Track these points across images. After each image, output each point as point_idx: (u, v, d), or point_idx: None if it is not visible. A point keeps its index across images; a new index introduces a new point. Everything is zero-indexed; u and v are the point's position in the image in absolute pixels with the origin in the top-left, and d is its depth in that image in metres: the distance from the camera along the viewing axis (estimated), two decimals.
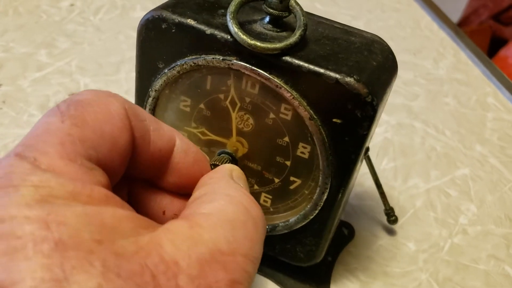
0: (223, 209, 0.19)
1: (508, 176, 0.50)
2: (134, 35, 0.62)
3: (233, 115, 0.30)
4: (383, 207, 0.40)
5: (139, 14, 0.66)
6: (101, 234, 0.16)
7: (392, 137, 0.52)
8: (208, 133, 0.31)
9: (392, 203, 0.44)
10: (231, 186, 0.22)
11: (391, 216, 0.40)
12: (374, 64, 0.27)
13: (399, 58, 0.30)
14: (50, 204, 0.15)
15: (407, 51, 0.67)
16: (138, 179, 0.24)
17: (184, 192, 0.24)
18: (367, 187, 0.46)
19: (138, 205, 0.24)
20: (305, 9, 0.27)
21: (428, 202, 0.46)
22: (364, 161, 0.34)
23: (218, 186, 0.22)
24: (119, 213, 0.17)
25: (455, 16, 1.46)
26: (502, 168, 0.50)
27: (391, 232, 0.42)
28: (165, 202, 0.24)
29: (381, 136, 0.52)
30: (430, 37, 0.71)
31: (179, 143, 0.23)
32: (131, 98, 0.51)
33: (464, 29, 1.37)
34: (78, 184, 0.17)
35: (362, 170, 0.38)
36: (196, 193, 0.22)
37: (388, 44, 0.30)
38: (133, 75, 0.54)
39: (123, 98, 0.21)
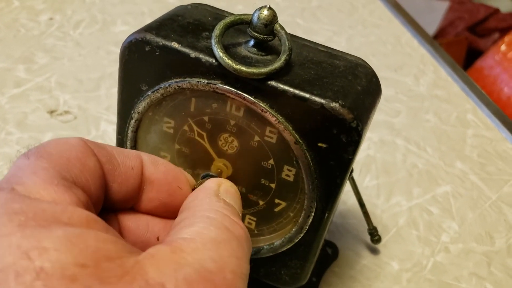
0: (204, 232, 0.19)
1: (488, 193, 0.50)
2: (115, 50, 0.61)
3: (220, 138, 0.30)
4: (365, 225, 0.40)
5: (120, 29, 0.65)
6: (85, 257, 0.15)
7: (375, 154, 0.53)
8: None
9: (375, 221, 0.44)
10: (213, 207, 0.21)
11: (374, 235, 0.40)
12: (359, 89, 0.27)
13: (380, 74, 0.30)
14: (30, 229, 0.15)
15: (388, 68, 0.68)
16: (126, 209, 0.24)
17: (173, 214, 0.24)
18: (350, 205, 0.46)
19: (131, 236, 0.24)
20: (287, 26, 0.27)
21: (410, 220, 0.46)
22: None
23: (199, 209, 0.21)
24: (102, 236, 0.17)
25: (432, 28, 1.49)
26: (482, 185, 0.51)
27: (374, 251, 0.42)
28: (158, 228, 0.24)
29: (363, 153, 0.52)
30: (411, 53, 0.72)
31: (146, 157, 0.24)
32: (112, 115, 0.51)
33: (440, 40, 1.40)
34: (58, 207, 0.17)
35: (345, 188, 0.38)
36: (178, 218, 0.22)
37: (370, 60, 0.30)
38: (114, 91, 0.53)
39: (78, 137, 0.22)
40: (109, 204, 0.23)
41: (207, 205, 0.22)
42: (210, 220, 0.20)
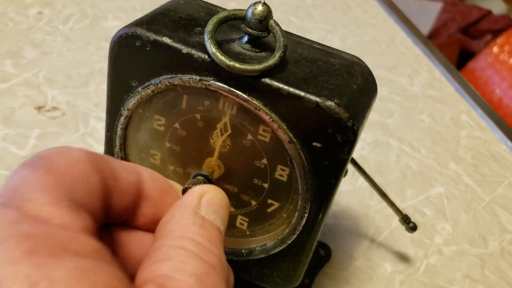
0: (181, 266, 0.19)
1: (482, 195, 0.50)
2: (105, 46, 0.60)
3: (213, 136, 0.29)
4: (358, 227, 0.40)
5: (110, 24, 0.64)
6: None
7: (368, 155, 0.52)
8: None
9: (368, 222, 0.43)
10: (187, 234, 0.20)
11: (408, 222, 0.38)
12: (355, 88, 0.27)
13: (374, 74, 0.30)
14: (39, 258, 0.14)
15: (383, 67, 0.67)
16: (118, 223, 0.23)
17: None
18: (343, 206, 0.45)
19: (122, 251, 0.23)
20: (280, 24, 0.26)
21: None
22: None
23: (172, 236, 0.20)
24: (111, 271, 0.16)
25: (425, 29, 1.49)
26: (476, 186, 0.51)
27: (367, 253, 0.42)
28: (148, 244, 0.23)
29: (357, 154, 0.52)
30: (405, 53, 0.71)
31: (146, 173, 0.23)
32: (102, 112, 0.50)
33: (433, 41, 1.40)
34: (68, 234, 0.16)
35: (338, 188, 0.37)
36: (153, 244, 0.21)
37: (364, 60, 0.30)
38: (103, 87, 0.52)
39: (80, 147, 0.21)
40: (108, 220, 0.22)
41: (181, 231, 0.21)
42: (185, 252, 0.19)
